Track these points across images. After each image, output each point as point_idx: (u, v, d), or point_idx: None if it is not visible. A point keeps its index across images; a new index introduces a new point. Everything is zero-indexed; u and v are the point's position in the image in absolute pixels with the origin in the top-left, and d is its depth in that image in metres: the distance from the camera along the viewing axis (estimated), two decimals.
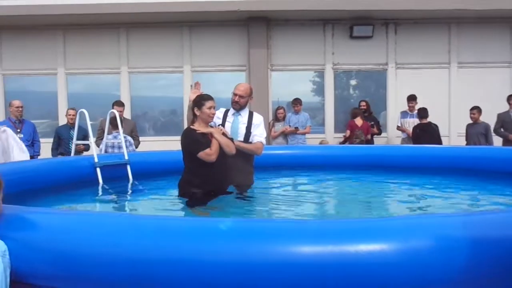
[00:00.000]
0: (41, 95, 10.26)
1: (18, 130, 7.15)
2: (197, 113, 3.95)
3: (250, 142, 4.37)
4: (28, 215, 2.22)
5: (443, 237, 1.92)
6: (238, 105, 4.38)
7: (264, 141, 4.41)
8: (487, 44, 9.86)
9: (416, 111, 8.57)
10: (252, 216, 3.93)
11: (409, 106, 8.79)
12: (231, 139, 4.11)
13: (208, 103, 3.92)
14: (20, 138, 7.04)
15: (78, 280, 1.98)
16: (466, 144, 8.34)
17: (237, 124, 4.38)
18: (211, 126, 4.09)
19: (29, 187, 4.06)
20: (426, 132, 8.13)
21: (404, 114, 8.83)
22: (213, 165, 3.87)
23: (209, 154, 3.83)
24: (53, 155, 7.52)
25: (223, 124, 4.34)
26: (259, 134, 4.38)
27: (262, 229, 2.05)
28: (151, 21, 9.60)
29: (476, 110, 8.25)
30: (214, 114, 4.01)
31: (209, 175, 3.90)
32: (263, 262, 1.85)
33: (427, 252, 1.86)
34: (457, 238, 1.92)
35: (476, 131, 8.19)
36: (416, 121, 8.48)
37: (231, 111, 4.45)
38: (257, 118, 4.44)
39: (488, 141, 8.11)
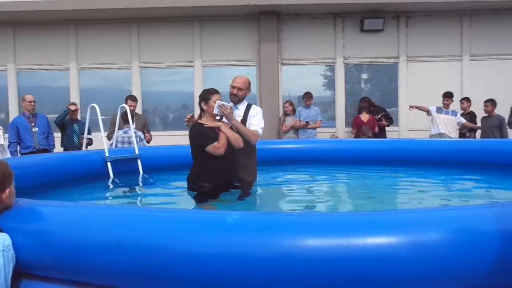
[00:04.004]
0: (53, 90, 10.35)
1: (33, 124, 7.21)
2: (204, 107, 3.97)
3: None
4: (38, 208, 2.25)
5: (455, 230, 1.90)
6: (236, 97, 4.32)
7: (259, 131, 4.27)
8: (500, 35, 9.71)
9: (450, 110, 8.37)
10: (261, 210, 3.94)
11: (444, 103, 8.36)
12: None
13: (215, 97, 3.94)
14: (36, 132, 7.15)
15: (85, 271, 2.00)
16: (481, 137, 8.25)
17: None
18: (218, 120, 4.08)
19: (40, 181, 4.10)
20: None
21: (438, 109, 8.36)
22: (222, 159, 3.88)
23: (217, 147, 3.84)
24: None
25: (220, 118, 4.19)
26: (255, 123, 4.26)
27: (270, 222, 2.05)
28: (162, 16, 9.63)
29: (489, 102, 8.13)
30: (224, 106, 4.00)
31: (218, 169, 3.91)
32: (270, 256, 1.85)
33: (439, 246, 1.84)
34: (469, 231, 1.90)
35: (490, 124, 8.08)
36: (450, 118, 8.24)
37: (230, 104, 4.32)
38: (254, 110, 4.34)
39: (503, 134, 7.99)
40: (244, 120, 4.26)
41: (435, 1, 9.08)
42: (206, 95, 3.98)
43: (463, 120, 8.34)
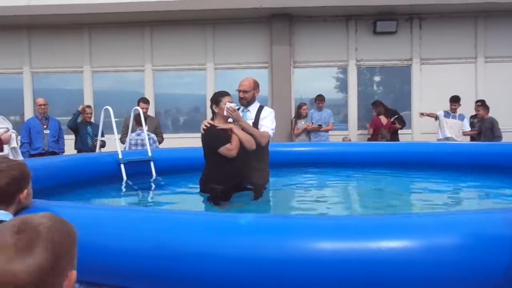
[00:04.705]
0: (68, 93, 10.46)
1: (45, 127, 7.30)
2: (216, 110, 4.00)
3: None
4: (54, 209, 2.27)
5: (468, 234, 1.88)
6: (244, 100, 4.30)
7: (270, 132, 4.22)
8: None
9: (458, 113, 8.35)
10: (274, 212, 3.94)
11: (451, 108, 8.38)
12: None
13: (225, 99, 3.96)
14: (47, 135, 7.25)
15: (99, 272, 2.02)
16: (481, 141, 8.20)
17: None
18: (231, 123, 4.08)
19: (54, 182, 4.14)
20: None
21: (446, 114, 8.40)
22: (234, 161, 3.88)
23: (229, 149, 3.85)
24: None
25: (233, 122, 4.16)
26: (266, 125, 4.22)
27: (283, 224, 2.05)
28: (174, 19, 9.69)
29: (481, 107, 8.09)
30: (232, 108, 3.96)
31: (230, 171, 3.91)
32: (283, 258, 1.85)
33: (453, 250, 1.82)
34: (483, 235, 1.89)
35: (485, 127, 8.04)
36: (457, 122, 8.24)
37: (241, 108, 4.36)
38: (265, 111, 4.31)
39: (494, 135, 7.89)
40: (256, 122, 4.23)
41: (449, 2, 9.00)
42: (217, 98, 4.01)
43: (467, 128, 8.33)
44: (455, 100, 8.38)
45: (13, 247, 0.91)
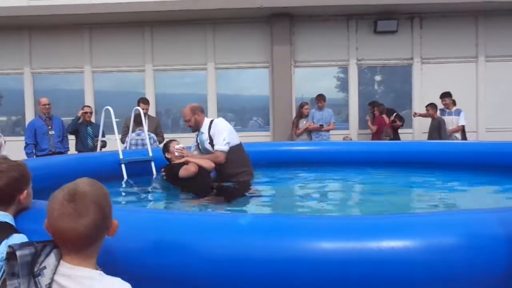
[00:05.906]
0: (68, 93, 10.45)
1: (49, 127, 7.25)
2: (168, 156, 4.61)
3: None
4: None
5: (469, 234, 1.87)
6: (191, 127, 4.74)
7: (222, 148, 4.47)
8: None
9: (454, 109, 8.34)
10: (274, 212, 3.93)
11: (443, 104, 8.43)
12: None
13: (172, 144, 4.63)
14: (52, 135, 7.21)
15: None
16: (427, 139, 8.28)
17: (203, 143, 4.63)
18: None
19: (55, 182, 4.13)
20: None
21: (442, 112, 8.45)
22: (198, 178, 4.27)
23: (187, 168, 4.26)
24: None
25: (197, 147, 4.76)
26: (216, 143, 4.51)
27: (283, 224, 2.04)
28: (175, 19, 9.69)
29: (429, 106, 8.18)
30: (180, 148, 4.58)
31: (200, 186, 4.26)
32: (283, 258, 1.84)
33: (454, 249, 1.81)
34: (484, 234, 1.88)
35: (433, 126, 8.08)
36: (454, 118, 8.23)
37: (196, 133, 4.81)
38: (213, 128, 4.55)
39: (441, 136, 7.89)
40: (211, 141, 4.55)
41: (449, 1, 9.00)
42: (166, 145, 4.68)
43: (462, 123, 8.27)
44: (444, 95, 8.42)
45: (74, 212, 1.35)
